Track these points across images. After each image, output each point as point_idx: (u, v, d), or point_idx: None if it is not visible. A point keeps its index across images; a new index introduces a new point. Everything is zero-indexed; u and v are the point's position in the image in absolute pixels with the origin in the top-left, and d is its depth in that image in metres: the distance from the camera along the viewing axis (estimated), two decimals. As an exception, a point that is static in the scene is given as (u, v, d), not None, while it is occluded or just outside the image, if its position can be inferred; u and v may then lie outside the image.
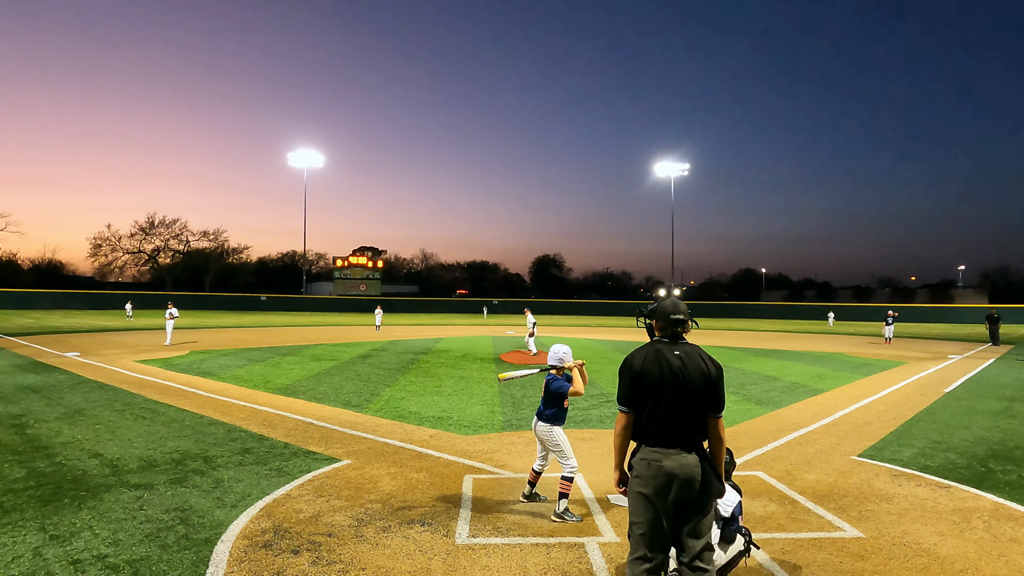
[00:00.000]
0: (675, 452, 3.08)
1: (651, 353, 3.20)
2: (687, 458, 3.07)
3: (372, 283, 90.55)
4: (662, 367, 3.13)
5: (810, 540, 4.66)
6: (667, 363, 3.13)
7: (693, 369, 3.11)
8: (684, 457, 3.07)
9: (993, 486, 6.07)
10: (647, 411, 3.14)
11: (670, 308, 3.25)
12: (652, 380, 3.13)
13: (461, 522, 4.92)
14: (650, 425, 3.13)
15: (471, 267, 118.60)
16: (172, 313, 21.56)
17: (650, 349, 3.23)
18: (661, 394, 3.10)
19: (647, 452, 3.14)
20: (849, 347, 25.47)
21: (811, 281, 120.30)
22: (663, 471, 3.05)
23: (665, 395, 3.10)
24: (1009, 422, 9.40)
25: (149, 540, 4.47)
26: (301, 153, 66.40)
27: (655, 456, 3.09)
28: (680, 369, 3.10)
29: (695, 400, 3.09)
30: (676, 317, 3.22)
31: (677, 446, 3.09)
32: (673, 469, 3.05)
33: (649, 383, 3.13)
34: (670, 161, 67.55)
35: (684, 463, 3.06)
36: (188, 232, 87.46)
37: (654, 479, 3.07)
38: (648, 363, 3.17)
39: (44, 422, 8.44)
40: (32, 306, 55.42)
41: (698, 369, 3.12)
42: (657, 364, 3.14)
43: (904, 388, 13.09)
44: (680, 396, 3.08)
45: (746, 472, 6.50)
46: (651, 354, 3.20)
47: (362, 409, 9.81)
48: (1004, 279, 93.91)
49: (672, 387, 3.09)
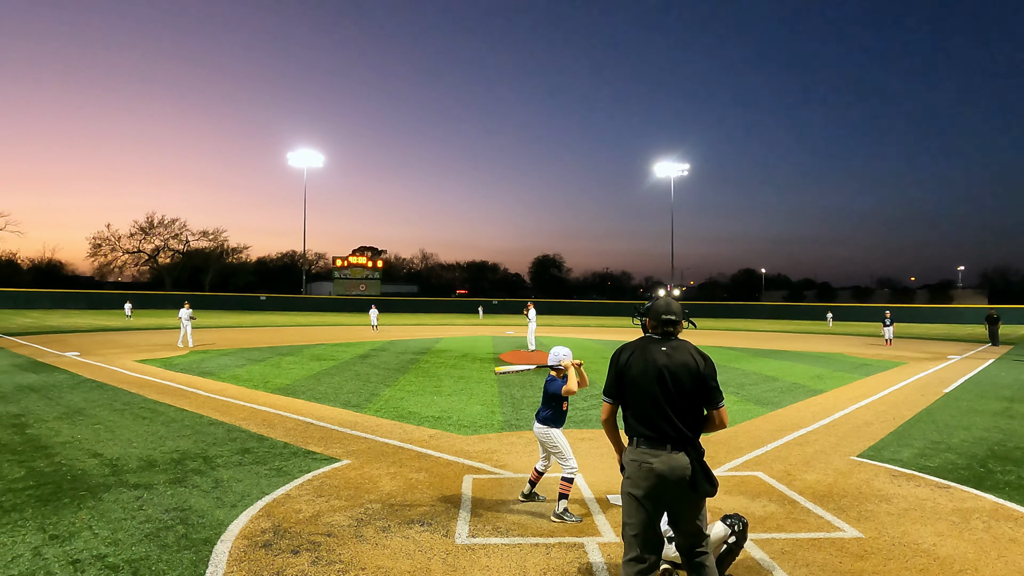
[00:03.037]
0: (664, 452, 3.10)
1: (638, 347, 3.28)
2: (678, 458, 3.09)
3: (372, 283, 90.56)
4: (647, 361, 3.19)
5: (809, 540, 4.66)
6: (652, 358, 3.18)
7: (679, 364, 3.15)
8: (674, 458, 3.09)
9: (992, 486, 6.07)
10: (631, 404, 3.24)
11: (662, 308, 3.31)
12: (635, 373, 3.20)
13: (461, 522, 4.92)
14: (639, 420, 3.18)
15: (471, 267, 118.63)
16: (190, 314, 20.93)
17: (638, 343, 3.32)
18: (645, 388, 3.16)
19: (637, 452, 3.16)
20: (848, 347, 25.47)
21: (811, 281, 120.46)
22: (653, 473, 3.08)
23: (649, 389, 3.15)
24: (1008, 422, 9.40)
25: (149, 540, 4.47)
26: (301, 153, 66.42)
27: (645, 457, 3.12)
28: (665, 365, 3.15)
29: (682, 395, 3.12)
30: (667, 317, 3.28)
31: (667, 444, 3.11)
32: (663, 471, 3.07)
33: (632, 376, 3.21)
34: (670, 161, 67.61)
35: (675, 464, 3.08)
36: (188, 232, 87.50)
37: (645, 480, 3.10)
38: (634, 357, 3.25)
39: (44, 422, 8.44)
40: (32, 306, 55.40)
41: (684, 364, 3.15)
42: (643, 358, 3.21)
43: (904, 388, 13.09)
44: (664, 391, 3.12)
45: (746, 472, 6.50)
46: (638, 349, 3.28)
47: (362, 409, 9.81)
48: (1003, 280, 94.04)
49: (655, 381, 3.14)
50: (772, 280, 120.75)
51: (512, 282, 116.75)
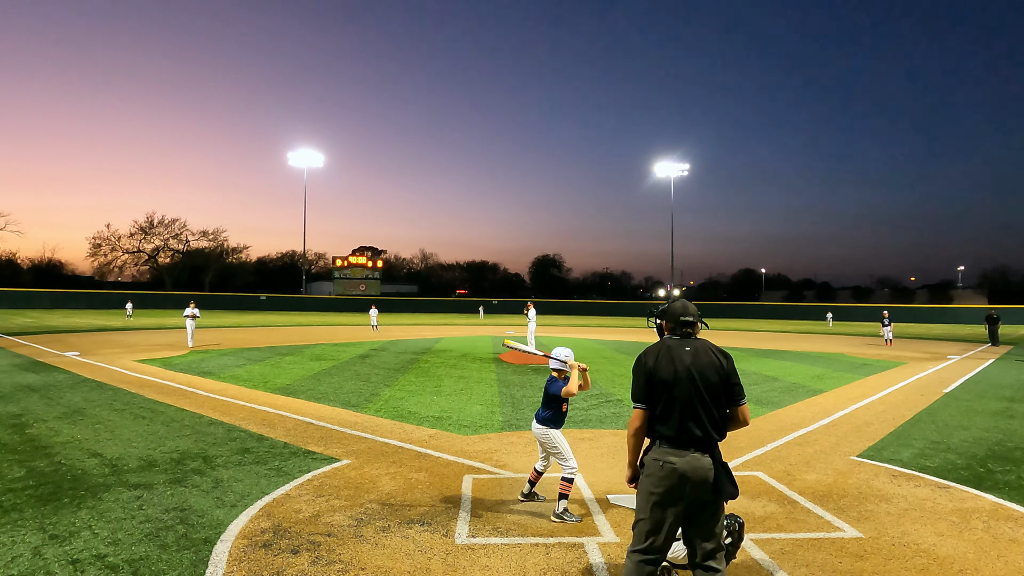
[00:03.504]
0: (689, 453, 3.07)
1: (663, 350, 3.24)
2: (702, 460, 3.06)
3: (372, 283, 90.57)
4: (675, 362, 3.16)
5: (809, 540, 4.66)
6: (680, 359, 3.17)
7: (706, 364, 3.15)
8: (699, 459, 3.06)
9: (992, 486, 6.07)
10: (661, 408, 3.15)
11: (680, 310, 3.32)
12: (665, 376, 3.15)
13: (460, 522, 4.92)
14: (666, 422, 3.13)
15: (471, 267, 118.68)
16: (195, 313, 20.87)
17: (662, 346, 3.28)
18: (675, 390, 3.12)
19: (661, 452, 3.12)
20: (848, 347, 25.48)
21: (810, 281, 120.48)
22: (676, 472, 3.04)
23: (679, 391, 3.11)
24: (1008, 422, 9.40)
25: (148, 540, 4.47)
26: (301, 153, 66.39)
27: (669, 457, 3.08)
28: (692, 364, 3.14)
29: (711, 394, 3.11)
30: (686, 319, 3.29)
31: (692, 447, 3.08)
32: (687, 471, 3.04)
33: (662, 379, 3.15)
34: (670, 161, 67.56)
35: (698, 465, 3.05)
36: (188, 232, 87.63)
37: (667, 480, 3.06)
38: (660, 359, 3.20)
39: (43, 421, 8.44)
40: (31, 305, 55.43)
41: (711, 363, 3.15)
42: (669, 360, 3.18)
43: (903, 388, 13.09)
44: (695, 391, 3.10)
45: (746, 472, 6.50)
46: (663, 351, 3.24)
47: (362, 409, 9.81)
48: (1003, 280, 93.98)
49: (686, 382, 3.11)
50: (772, 280, 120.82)
51: (512, 282, 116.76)
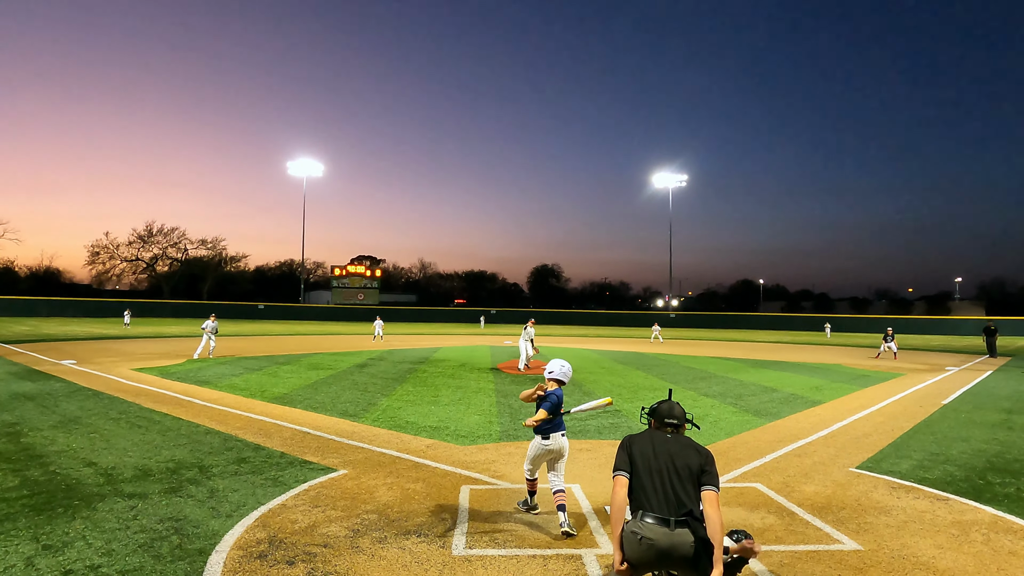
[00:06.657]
0: (668, 529, 3.29)
1: (646, 434, 3.71)
2: (681, 535, 3.28)
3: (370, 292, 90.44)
4: (654, 443, 3.59)
5: (808, 553, 4.64)
6: (660, 441, 3.59)
7: (684, 446, 3.56)
8: (677, 535, 3.28)
9: (991, 499, 6.06)
10: (643, 478, 3.46)
11: (665, 412, 3.72)
12: (646, 452, 3.55)
13: (457, 533, 4.89)
14: (644, 495, 3.42)
15: (469, 276, 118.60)
16: (214, 327, 20.62)
17: (646, 433, 3.73)
18: (653, 465, 3.48)
19: (641, 526, 3.34)
20: (847, 358, 25.46)
21: (809, 292, 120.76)
22: (654, 549, 3.28)
23: (656, 466, 3.47)
24: (1007, 434, 9.39)
25: (143, 550, 4.43)
26: (300, 162, 66.63)
27: (646, 532, 3.29)
28: (670, 448, 3.55)
29: (688, 473, 3.43)
30: (670, 421, 3.69)
31: (670, 521, 3.31)
32: (665, 548, 3.28)
33: (643, 453, 3.55)
34: (668, 172, 67.97)
35: (677, 542, 3.27)
36: (186, 240, 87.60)
37: (645, 554, 3.30)
38: (643, 439, 3.65)
39: (39, 430, 8.39)
40: (29, 313, 55.25)
41: (689, 446, 3.56)
42: (650, 442, 3.61)
43: (902, 400, 13.08)
44: (674, 467, 3.45)
45: (744, 484, 6.48)
46: (646, 435, 3.70)
47: (359, 419, 9.77)
48: (1001, 291, 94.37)
49: (665, 457, 3.49)
50: (770, 291, 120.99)
51: (511, 292, 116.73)
